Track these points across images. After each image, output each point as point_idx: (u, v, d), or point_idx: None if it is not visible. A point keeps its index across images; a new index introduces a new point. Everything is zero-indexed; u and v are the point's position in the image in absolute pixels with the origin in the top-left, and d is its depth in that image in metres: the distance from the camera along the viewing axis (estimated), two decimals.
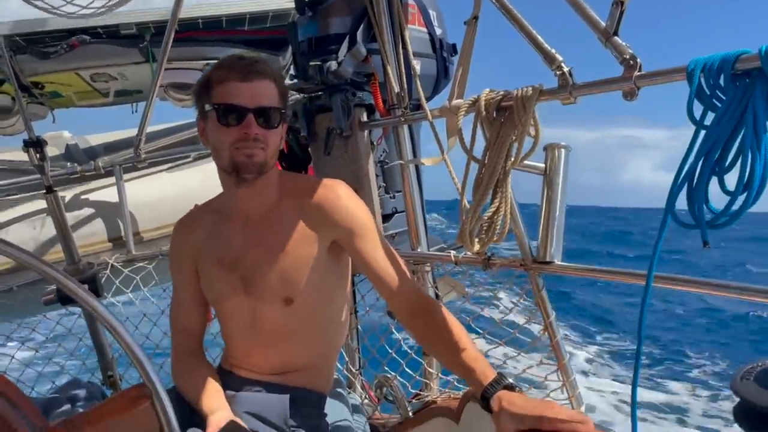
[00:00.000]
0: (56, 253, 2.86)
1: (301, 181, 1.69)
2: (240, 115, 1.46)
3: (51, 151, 3.54)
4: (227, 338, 1.75)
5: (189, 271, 1.70)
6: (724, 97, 1.13)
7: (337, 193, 1.60)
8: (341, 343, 1.82)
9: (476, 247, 1.78)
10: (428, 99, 2.43)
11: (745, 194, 1.08)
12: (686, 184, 1.15)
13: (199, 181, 3.34)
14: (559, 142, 1.75)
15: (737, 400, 0.84)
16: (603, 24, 1.43)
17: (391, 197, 2.53)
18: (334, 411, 1.85)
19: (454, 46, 2.62)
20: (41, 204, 2.91)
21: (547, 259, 1.70)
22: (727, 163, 1.11)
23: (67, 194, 3.20)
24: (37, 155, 2.62)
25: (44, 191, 2.73)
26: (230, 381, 1.69)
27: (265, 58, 1.64)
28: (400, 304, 1.57)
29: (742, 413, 0.85)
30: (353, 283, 2.59)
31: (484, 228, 1.75)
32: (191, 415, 1.61)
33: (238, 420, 1.48)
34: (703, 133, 1.14)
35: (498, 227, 1.74)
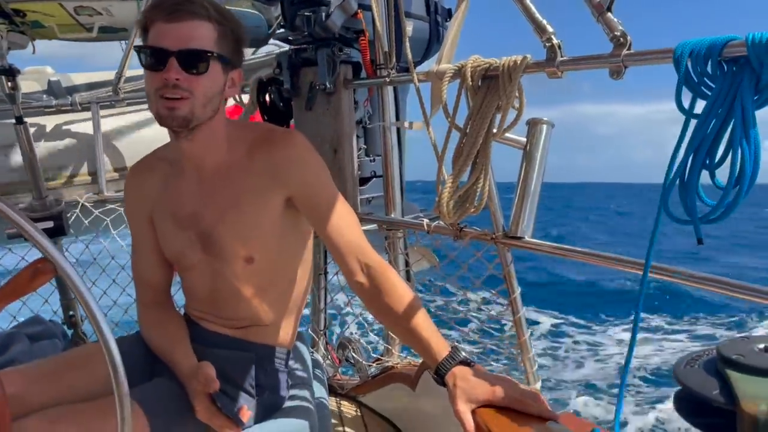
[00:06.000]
0: (25, 186, 2.79)
1: (254, 131, 1.57)
2: (161, 58, 1.34)
3: (32, 86, 3.45)
4: (188, 292, 1.70)
5: (146, 221, 1.62)
6: (712, 85, 1.11)
7: (289, 145, 1.51)
8: (305, 299, 1.79)
9: (452, 218, 1.76)
10: (419, 63, 2.38)
11: (737, 188, 1.06)
12: (678, 180, 1.13)
13: None
14: (542, 117, 1.72)
15: (678, 387, 0.84)
16: None
17: (371, 160, 2.49)
18: (294, 368, 1.84)
19: (449, 11, 2.55)
20: (13, 134, 2.83)
21: (518, 235, 1.68)
22: (717, 159, 1.10)
23: (42, 126, 3.12)
24: (9, 83, 2.53)
25: (14, 121, 2.65)
26: (195, 331, 1.66)
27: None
28: (350, 266, 1.50)
29: (683, 401, 0.85)
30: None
31: (461, 200, 1.73)
32: (155, 363, 1.60)
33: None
34: (693, 122, 1.12)
35: (476, 199, 1.72)
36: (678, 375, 0.84)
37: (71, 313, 2.91)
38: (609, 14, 1.37)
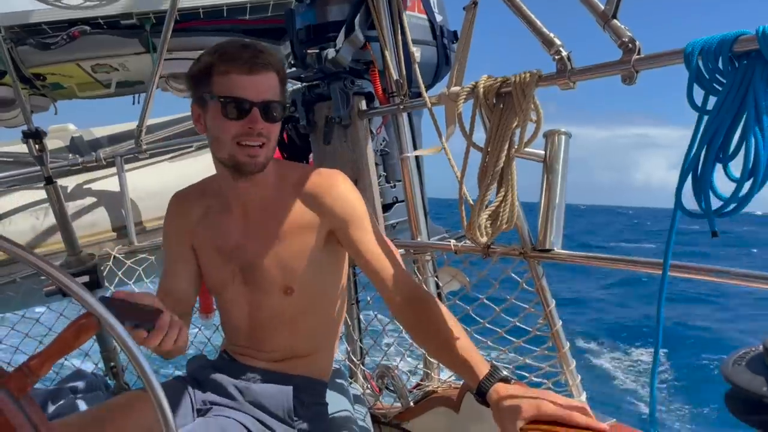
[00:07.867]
0: (57, 244, 2.86)
1: (300, 170, 1.67)
2: (245, 109, 1.44)
3: (56, 143, 3.55)
4: (227, 325, 1.76)
5: (185, 245, 1.69)
6: (724, 80, 1.11)
7: (333, 183, 1.60)
8: (340, 329, 1.82)
9: (484, 238, 1.75)
10: (429, 87, 2.41)
11: (750, 180, 1.05)
12: (691, 173, 1.12)
13: (201, 170, 3.32)
14: (559, 129, 1.73)
15: (728, 386, 0.83)
16: (602, 6, 1.40)
17: (391, 186, 2.51)
18: (335, 401, 1.85)
19: (455, 33, 2.59)
20: (43, 195, 2.91)
21: (547, 247, 1.68)
22: (731, 150, 1.09)
23: (69, 185, 3.20)
24: (36, 146, 2.62)
25: (44, 182, 2.73)
26: (233, 367, 1.69)
27: (267, 46, 1.60)
28: (391, 294, 1.55)
29: (734, 399, 0.83)
30: (354, 273, 2.58)
31: (491, 219, 1.73)
32: (197, 404, 1.62)
33: None
34: (705, 118, 1.12)
35: (506, 217, 1.71)
36: (726, 374, 0.83)
37: (112, 364, 2.95)
38: (615, 21, 1.38)
